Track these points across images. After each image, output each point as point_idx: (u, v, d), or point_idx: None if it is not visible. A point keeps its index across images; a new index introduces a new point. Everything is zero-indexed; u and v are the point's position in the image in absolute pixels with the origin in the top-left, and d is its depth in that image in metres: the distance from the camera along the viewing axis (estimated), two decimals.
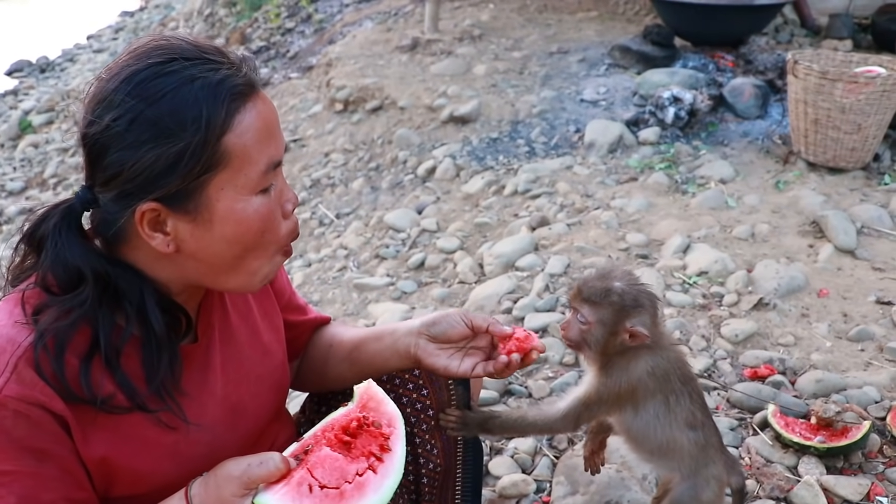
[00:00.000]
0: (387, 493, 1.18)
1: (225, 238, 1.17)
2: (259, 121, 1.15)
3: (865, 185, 4.40)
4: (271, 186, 1.20)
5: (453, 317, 1.50)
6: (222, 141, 1.10)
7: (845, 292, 3.33)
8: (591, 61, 6.21)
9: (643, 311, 1.52)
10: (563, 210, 4.14)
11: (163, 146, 1.08)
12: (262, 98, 1.18)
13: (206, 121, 1.09)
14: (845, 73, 4.32)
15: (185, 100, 1.08)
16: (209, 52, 1.15)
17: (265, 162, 1.16)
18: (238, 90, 1.13)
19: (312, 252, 4.84)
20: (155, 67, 1.10)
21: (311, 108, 6.79)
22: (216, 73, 1.12)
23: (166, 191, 1.10)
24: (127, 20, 20.26)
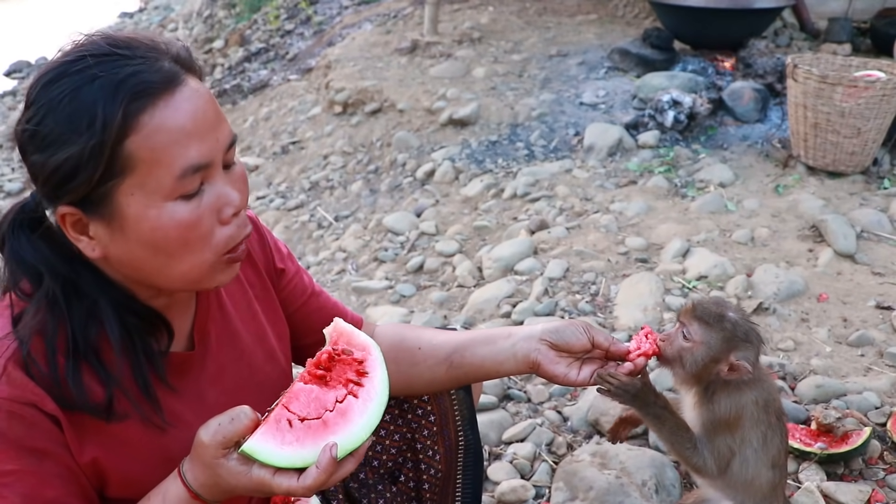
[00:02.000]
0: (373, 416, 1.14)
1: (142, 245, 1.10)
2: (174, 120, 1.06)
3: (865, 190, 4.40)
4: (200, 191, 1.11)
5: (577, 327, 1.47)
6: (124, 144, 1.03)
7: (845, 297, 3.32)
8: (591, 64, 6.20)
9: (750, 347, 1.51)
10: (563, 214, 4.13)
11: (62, 150, 1.02)
12: (185, 94, 1.08)
13: (101, 124, 1.01)
14: (845, 78, 4.32)
15: (84, 101, 1.02)
16: (123, 45, 1.07)
17: (181, 166, 1.06)
18: (145, 87, 1.04)
19: (311, 255, 4.83)
20: (63, 66, 1.06)
21: (309, 110, 6.78)
22: (122, 69, 1.04)
23: (75, 195, 1.06)
24: (126, 21, 20.27)
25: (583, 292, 3.34)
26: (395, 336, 1.64)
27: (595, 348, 1.48)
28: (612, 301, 3.27)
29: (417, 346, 1.60)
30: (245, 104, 8.38)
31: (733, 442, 1.56)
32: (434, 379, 1.59)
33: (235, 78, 9.71)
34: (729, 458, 1.56)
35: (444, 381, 1.59)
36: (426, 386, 1.62)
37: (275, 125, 7.04)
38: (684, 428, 1.59)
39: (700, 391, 1.56)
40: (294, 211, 5.44)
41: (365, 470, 1.72)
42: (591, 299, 3.28)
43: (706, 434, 1.56)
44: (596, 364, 1.49)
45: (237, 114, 8.18)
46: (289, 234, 5.19)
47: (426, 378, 1.59)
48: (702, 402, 1.56)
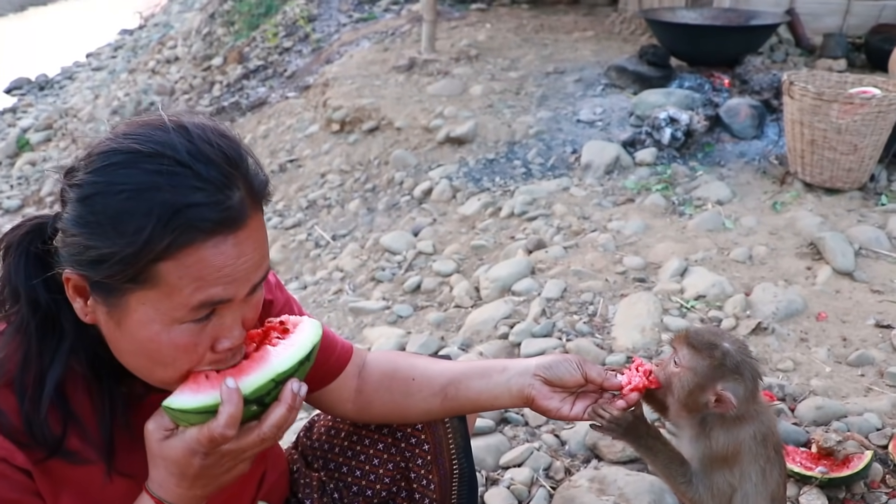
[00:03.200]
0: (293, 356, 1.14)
1: (134, 345, 1.09)
2: (214, 262, 1.03)
3: (862, 206, 4.39)
4: (209, 319, 1.09)
5: (570, 363, 1.49)
6: (157, 265, 1.00)
7: (844, 315, 3.31)
8: (588, 81, 6.22)
9: (739, 381, 1.47)
10: (560, 233, 4.12)
11: (97, 240, 1.00)
12: (239, 238, 1.05)
13: (145, 240, 0.98)
14: (841, 95, 4.32)
15: (139, 208, 0.98)
16: (203, 160, 1.02)
17: (200, 300, 1.05)
18: (201, 226, 1.01)
19: (308, 274, 4.82)
20: (134, 156, 1.01)
21: (307, 128, 6.79)
22: (190, 194, 1.00)
23: (90, 277, 1.04)
24: (126, 38, 20.34)
25: (580, 313, 3.32)
26: (389, 365, 1.63)
27: (588, 383, 1.49)
28: (609, 322, 3.25)
29: (411, 376, 1.59)
30: (243, 122, 8.39)
31: (732, 477, 1.53)
32: (429, 410, 1.59)
33: (234, 95, 9.73)
34: (730, 494, 1.54)
35: (438, 412, 1.59)
36: (420, 416, 1.63)
37: (273, 143, 7.04)
38: (678, 461, 1.57)
39: (697, 424, 1.53)
40: (291, 230, 5.43)
41: (358, 499, 1.70)
42: (588, 320, 3.27)
43: (703, 468, 1.54)
44: (589, 399, 1.50)
45: (235, 131, 8.16)
46: (286, 254, 5.18)
47: (421, 409, 1.59)
48: (699, 436, 1.53)
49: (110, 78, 15.59)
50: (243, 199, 1.04)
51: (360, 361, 1.64)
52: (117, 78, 14.73)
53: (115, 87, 13.91)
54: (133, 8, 24.54)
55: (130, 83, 13.32)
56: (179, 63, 12.81)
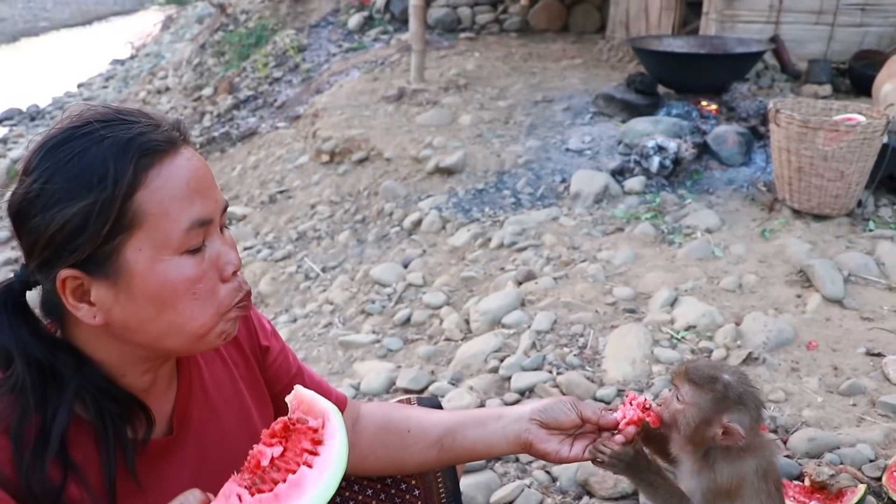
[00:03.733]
0: (328, 486, 1.10)
1: (150, 301, 1.11)
2: (179, 177, 1.10)
3: (851, 232, 4.41)
4: (203, 247, 1.14)
5: (565, 404, 1.50)
6: (134, 198, 1.06)
7: (835, 344, 3.30)
8: (576, 110, 6.25)
9: (744, 411, 1.47)
10: (550, 263, 4.12)
11: (71, 206, 1.04)
12: (185, 156, 1.13)
13: (112, 178, 1.04)
14: (826, 122, 4.35)
15: (93, 159, 1.05)
16: (127, 113, 1.12)
17: (188, 220, 1.10)
18: (152, 146, 1.09)
19: (298, 307, 4.79)
20: (69, 130, 1.09)
21: (297, 158, 6.79)
22: (129, 131, 1.08)
23: (80, 254, 1.05)
24: (117, 68, 20.42)
25: (571, 345, 3.31)
26: (384, 418, 1.63)
27: (585, 423, 1.50)
28: (600, 354, 3.24)
29: (406, 428, 1.59)
30: (234, 152, 8.40)
31: None
32: (425, 461, 1.59)
33: (224, 126, 9.75)
34: None
35: (434, 462, 1.59)
36: (416, 467, 1.63)
37: (263, 174, 7.04)
38: (678, 495, 1.56)
39: (700, 457, 1.53)
40: (281, 262, 5.41)
41: None
42: (579, 352, 3.25)
43: (705, 502, 1.53)
44: (587, 439, 1.50)
45: (226, 162, 8.20)
46: (276, 286, 5.16)
47: (417, 460, 1.59)
48: (702, 469, 1.53)
49: None
50: (173, 130, 1.14)
51: (354, 414, 1.63)
52: None
53: None
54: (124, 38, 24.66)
55: None
56: (170, 93, 12.84)
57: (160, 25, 23.49)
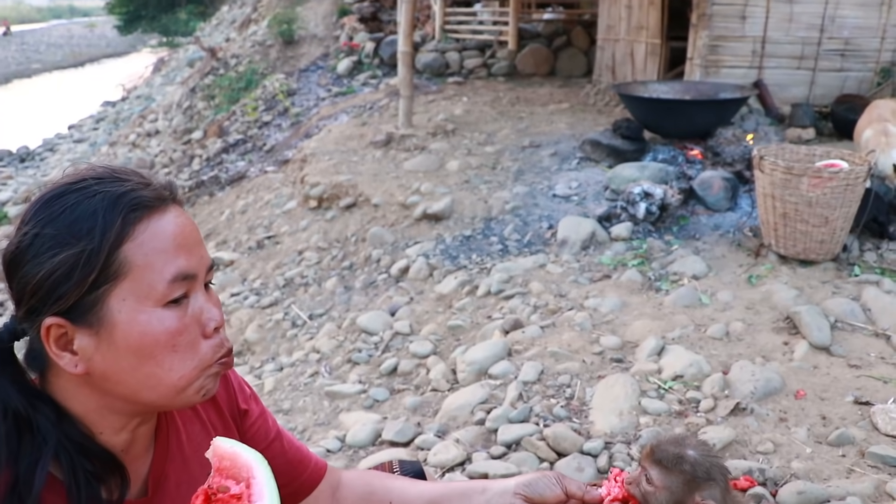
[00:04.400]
0: None
1: (131, 351, 1.12)
2: (165, 232, 1.13)
3: (836, 277, 4.42)
4: (185, 300, 1.15)
5: (549, 479, 1.49)
6: (120, 249, 1.09)
7: (822, 392, 3.28)
8: (563, 155, 6.29)
9: (714, 485, 1.50)
10: (537, 311, 4.11)
11: (59, 254, 1.07)
12: (174, 213, 1.16)
13: (100, 229, 1.08)
14: (809, 168, 4.40)
15: (84, 211, 1.09)
16: (121, 172, 1.16)
17: (171, 272, 1.12)
18: (141, 202, 1.12)
19: (284, 355, 4.76)
20: (64, 186, 1.12)
21: (285, 203, 6.80)
22: (120, 187, 1.12)
23: (66, 302, 1.07)
24: (108, 110, 20.52)
25: (557, 396, 3.29)
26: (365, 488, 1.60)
27: (569, 498, 1.49)
28: (587, 405, 3.22)
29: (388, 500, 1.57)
30: (222, 196, 8.41)
31: None
32: None
33: (213, 169, 9.78)
34: None
35: None
36: None
37: (251, 219, 7.04)
38: None
39: None
40: (268, 309, 5.38)
41: None
42: (566, 403, 3.23)
43: None
44: None
45: (214, 206, 8.20)
46: (262, 334, 5.13)
47: None
48: None
49: (91, 150, 15.66)
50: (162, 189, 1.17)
51: (334, 482, 1.61)
52: (98, 150, 14.79)
53: (95, 160, 13.95)
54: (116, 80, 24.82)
55: (110, 156, 13.37)
56: (160, 136, 12.90)
57: (151, 68, 23.69)
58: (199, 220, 7.97)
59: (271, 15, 14.15)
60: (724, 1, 7.63)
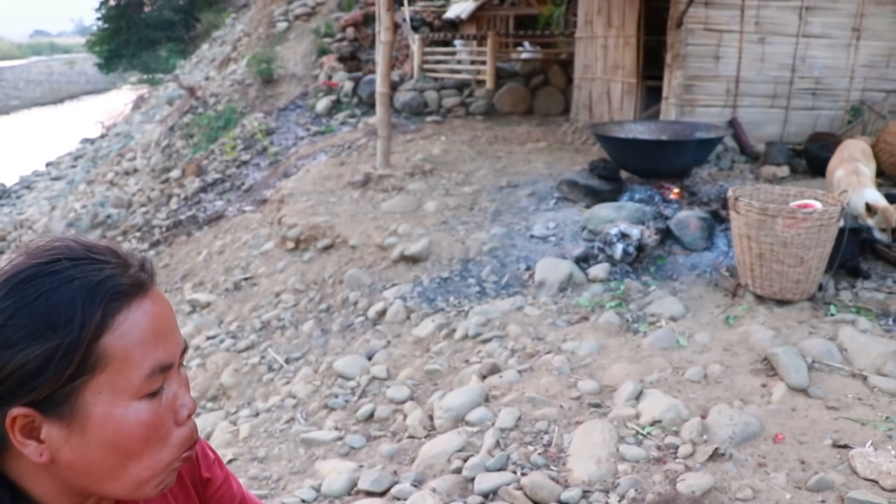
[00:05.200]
0: None
1: (103, 446, 1.07)
2: (145, 322, 1.09)
3: (813, 317, 4.43)
4: (161, 390, 1.11)
5: None
6: (99, 342, 1.03)
7: (801, 436, 3.27)
8: (541, 195, 6.31)
9: None
10: (514, 355, 4.08)
11: (33, 347, 1.01)
12: (152, 298, 1.12)
13: (79, 321, 1.02)
14: (784, 209, 4.43)
15: (62, 300, 1.03)
16: (98, 251, 1.11)
17: (150, 365, 1.08)
18: (120, 290, 1.07)
19: (260, 400, 4.68)
20: (38, 267, 1.06)
21: (263, 244, 6.75)
22: (99, 272, 1.07)
23: (38, 394, 1.02)
24: (87, 148, 20.46)
25: (535, 443, 3.25)
26: None
27: None
28: (565, 452, 3.18)
29: None
30: (200, 236, 8.36)
31: None
32: None
33: (191, 209, 9.74)
34: None
35: None
36: None
37: (228, 259, 6.99)
38: None
39: None
40: (244, 353, 5.31)
41: None
42: (543, 451, 3.19)
43: None
44: None
45: (191, 246, 8.14)
46: (238, 378, 5.05)
47: None
48: None
49: (68, 188, 15.57)
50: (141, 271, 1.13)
51: None
52: (75, 189, 14.71)
53: (72, 198, 13.86)
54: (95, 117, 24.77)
55: (88, 195, 13.29)
56: (138, 175, 12.84)
57: (131, 105, 23.69)
58: (176, 261, 7.91)
59: (251, 54, 14.21)
60: (697, 41, 7.75)
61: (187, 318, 6.20)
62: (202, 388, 5.18)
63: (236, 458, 3.96)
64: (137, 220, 10.35)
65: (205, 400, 5.13)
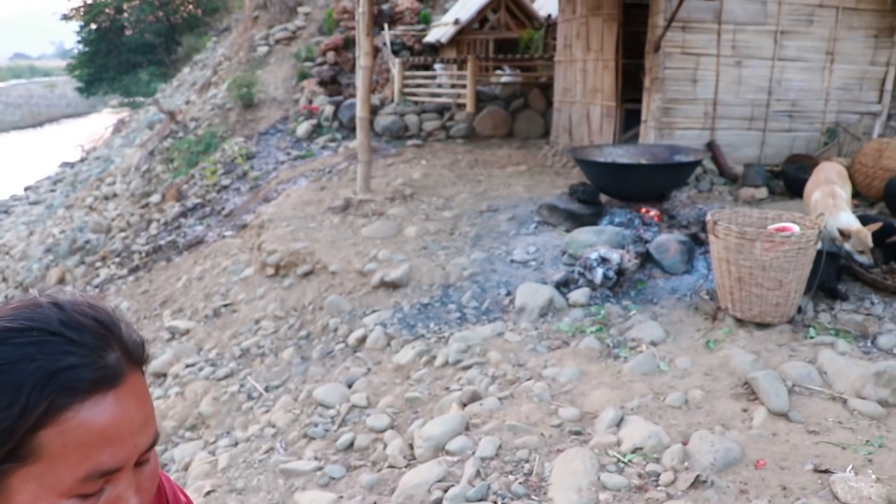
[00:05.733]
0: None
1: None
2: (96, 422, 1.00)
3: (792, 340, 4.44)
4: (100, 492, 1.03)
5: None
6: (36, 434, 0.96)
7: (782, 461, 3.26)
8: (521, 219, 6.31)
9: None
10: (495, 382, 4.05)
11: None
12: (118, 394, 1.03)
13: (20, 408, 0.95)
14: (762, 233, 4.45)
15: (11, 380, 0.96)
16: (76, 327, 1.02)
17: (87, 469, 1.00)
18: (78, 384, 0.99)
19: (240, 429, 4.62)
20: (7, 333, 1.00)
21: (242, 270, 6.71)
22: (62, 358, 0.99)
23: None
24: (66, 171, 20.33)
25: (516, 472, 3.22)
26: None
27: None
28: (546, 481, 3.15)
29: None
30: (180, 261, 8.29)
31: None
32: None
33: (171, 234, 9.67)
34: None
35: None
36: None
37: (208, 286, 6.93)
38: None
39: None
40: (224, 381, 5.25)
41: None
42: (524, 480, 3.16)
43: None
44: None
45: (171, 272, 8.08)
46: (217, 406, 4.99)
47: None
48: None
49: (47, 213, 15.43)
50: (120, 358, 1.03)
51: None
52: (54, 214, 14.58)
53: (51, 223, 13.74)
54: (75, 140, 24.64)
55: (67, 219, 13.18)
56: (117, 200, 12.75)
57: (111, 129, 23.60)
58: (155, 287, 7.84)
59: (231, 78, 14.20)
60: (675, 65, 7.83)
61: (166, 346, 6.13)
62: (181, 417, 5.11)
63: (214, 490, 3.90)
64: (117, 245, 10.26)
65: (183, 429, 5.05)
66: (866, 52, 8.41)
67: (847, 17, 8.21)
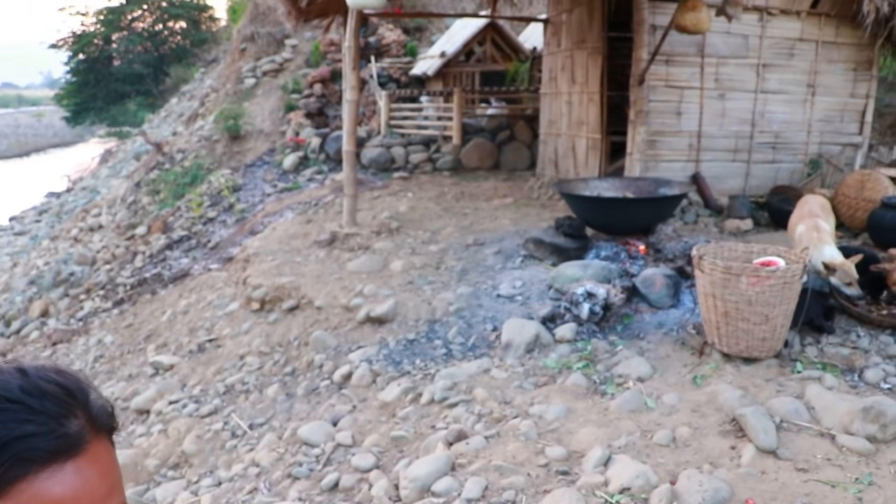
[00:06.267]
0: None
1: None
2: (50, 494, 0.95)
3: (780, 374, 4.43)
4: None
5: None
6: None
7: (771, 500, 3.23)
8: (507, 253, 6.31)
9: None
10: (481, 420, 4.02)
11: None
12: (78, 465, 0.99)
13: None
14: (747, 268, 4.46)
15: None
16: (36, 394, 0.98)
17: None
18: (33, 455, 0.95)
19: (223, 468, 4.55)
20: None
21: (228, 305, 6.66)
22: (19, 427, 0.95)
23: None
24: (52, 202, 20.25)
25: None
26: None
27: None
28: None
29: None
30: (165, 294, 8.23)
31: None
32: None
33: (157, 266, 9.62)
34: None
35: None
36: None
37: (192, 320, 6.87)
38: None
39: None
40: (207, 418, 5.18)
41: None
42: None
43: None
44: None
45: (156, 305, 8.01)
46: (201, 445, 4.92)
47: None
48: None
49: (31, 244, 15.32)
50: (83, 427, 0.99)
51: None
52: (39, 245, 14.48)
53: (35, 254, 13.64)
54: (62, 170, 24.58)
55: (51, 251, 13.08)
56: (103, 231, 12.68)
57: (98, 159, 23.56)
58: (139, 320, 7.76)
59: (218, 110, 14.23)
60: (660, 98, 7.90)
61: (150, 381, 6.05)
62: (163, 455, 5.03)
63: None
64: (101, 277, 10.18)
65: (166, 468, 4.97)
66: (846, 84, 8.52)
67: (827, 51, 8.32)
